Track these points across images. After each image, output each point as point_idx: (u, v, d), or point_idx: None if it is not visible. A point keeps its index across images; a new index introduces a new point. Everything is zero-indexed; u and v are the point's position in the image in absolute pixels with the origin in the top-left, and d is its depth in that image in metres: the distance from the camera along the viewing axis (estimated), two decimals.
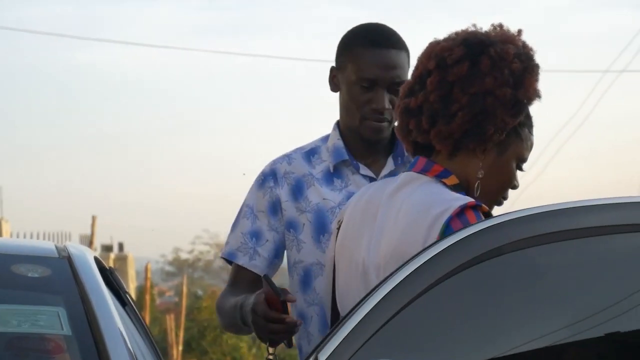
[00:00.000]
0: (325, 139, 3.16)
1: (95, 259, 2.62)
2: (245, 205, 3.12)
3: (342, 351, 2.21)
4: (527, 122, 2.74)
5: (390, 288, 2.28)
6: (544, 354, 2.33)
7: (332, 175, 3.08)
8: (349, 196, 2.98)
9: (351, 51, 3.04)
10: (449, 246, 2.33)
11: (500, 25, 2.70)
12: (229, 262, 3.13)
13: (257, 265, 3.05)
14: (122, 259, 28.11)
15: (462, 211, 2.56)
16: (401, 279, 2.29)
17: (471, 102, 2.58)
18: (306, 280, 3.03)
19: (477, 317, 2.34)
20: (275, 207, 3.07)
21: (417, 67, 2.70)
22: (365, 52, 3.00)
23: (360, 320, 2.25)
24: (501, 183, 2.73)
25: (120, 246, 29.99)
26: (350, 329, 2.24)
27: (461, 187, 2.68)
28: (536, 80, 2.66)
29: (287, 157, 3.12)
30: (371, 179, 3.05)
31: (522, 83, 2.62)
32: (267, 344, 2.70)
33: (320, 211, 3.04)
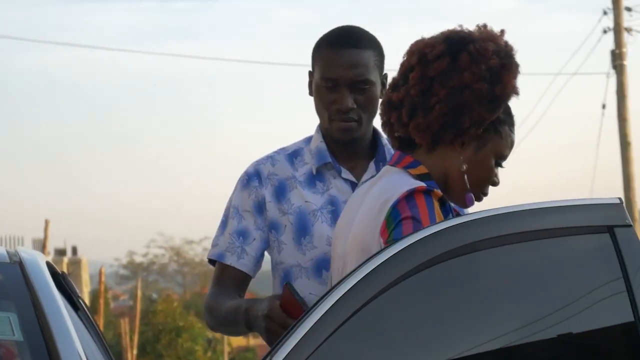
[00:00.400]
0: (308, 140, 3.19)
1: (48, 263, 2.59)
2: (231, 206, 3.15)
3: (295, 355, 2.21)
4: (508, 120, 2.79)
5: (346, 289, 2.29)
6: (501, 353, 2.35)
7: (315, 178, 3.11)
8: (330, 200, 3.06)
9: (318, 53, 3.08)
10: (407, 246, 2.34)
11: (485, 26, 2.76)
12: (213, 262, 3.16)
13: (245, 264, 3.10)
14: (75, 263, 27.90)
15: (410, 195, 2.60)
16: (356, 281, 2.30)
17: (449, 96, 2.63)
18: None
19: (435, 317, 2.35)
20: (260, 207, 3.10)
21: (402, 64, 2.75)
22: (328, 53, 3.04)
23: (315, 323, 2.24)
24: (480, 179, 2.77)
25: (74, 250, 29.75)
26: (305, 332, 2.24)
27: (429, 178, 2.71)
28: (514, 77, 2.70)
29: (271, 159, 3.14)
30: (352, 183, 3.09)
31: (500, 79, 2.66)
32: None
33: (301, 214, 3.08)
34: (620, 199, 2.57)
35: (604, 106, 16.69)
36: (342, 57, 3.01)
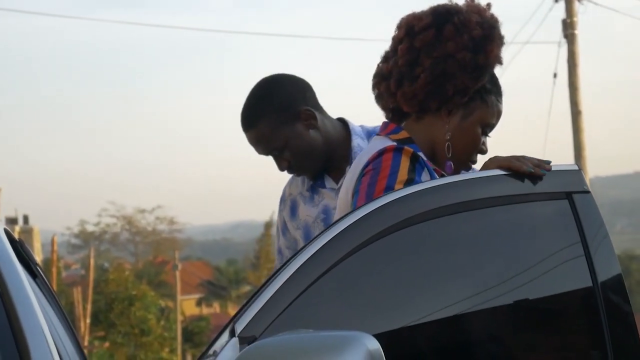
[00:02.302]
0: None
1: (5, 230, 2.57)
2: (276, 226, 3.60)
3: (258, 322, 2.22)
4: (494, 90, 2.84)
5: (305, 259, 2.29)
6: (461, 318, 2.37)
7: (312, 192, 3.41)
8: (324, 209, 3.35)
9: None
10: (360, 218, 2.35)
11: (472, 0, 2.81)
12: None
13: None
14: (27, 232, 27.63)
15: (380, 154, 2.64)
16: (315, 250, 2.30)
17: (433, 65, 2.69)
18: None
19: (388, 287, 2.36)
20: (284, 229, 3.50)
21: (393, 37, 2.82)
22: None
23: (276, 291, 2.25)
24: (466, 146, 2.82)
25: (25, 219, 29.45)
26: (266, 299, 2.24)
27: (411, 142, 2.75)
28: (497, 47, 2.75)
29: (292, 178, 3.50)
30: (335, 190, 3.34)
31: (482, 49, 2.71)
32: None
33: (306, 226, 3.40)
34: (578, 165, 2.60)
35: (555, 75, 16.79)
36: (250, 139, 3.32)
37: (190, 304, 54.15)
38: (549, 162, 2.53)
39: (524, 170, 2.48)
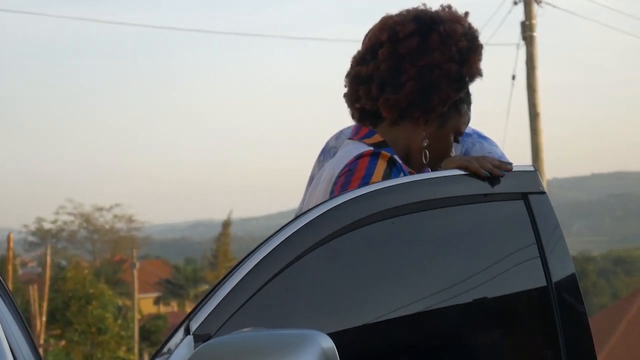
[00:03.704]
0: None
1: None
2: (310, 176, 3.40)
3: (213, 320, 2.21)
4: (467, 99, 2.87)
5: (262, 257, 2.29)
6: (418, 317, 2.37)
7: None
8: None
9: None
10: (316, 217, 2.35)
11: (449, 7, 2.81)
12: None
13: None
14: None
15: (356, 159, 2.64)
16: (271, 248, 2.30)
17: (419, 74, 2.69)
18: None
19: (345, 286, 2.36)
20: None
21: (369, 38, 2.79)
22: None
23: (231, 290, 2.25)
24: (440, 153, 2.83)
25: None
26: (222, 297, 2.23)
27: (386, 145, 2.75)
28: (479, 59, 2.77)
29: (339, 132, 3.30)
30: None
31: (467, 60, 2.73)
32: None
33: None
34: (534, 166, 2.61)
35: (513, 77, 16.84)
36: None
37: (148, 303, 53.93)
38: (510, 164, 2.55)
39: (480, 173, 2.48)
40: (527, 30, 16.23)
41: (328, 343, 2.04)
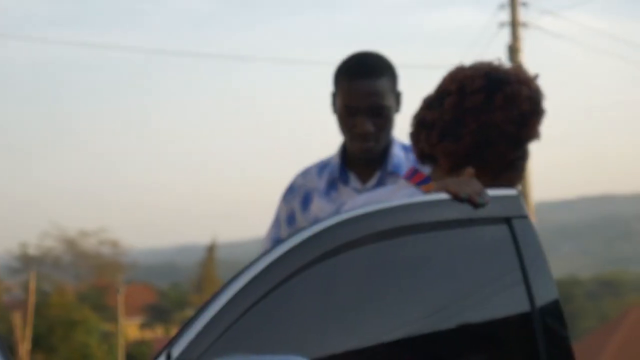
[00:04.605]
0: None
1: None
2: (275, 214, 3.50)
3: (195, 346, 2.20)
4: (524, 156, 2.88)
5: (245, 282, 2.28)
6: (401, 343, 2.36)
7: (330, 188, 3.40)
8: (339, 207, 3.21)
9: (338, 82, 3.36)
10: (300, 242, 2.35)
11: (520, 66, 2.87)
12: None
13: None
14: None
15: None
16: (255, 273, 2.29)
17: (479, 130, 2.74)
18: None
19: (327, 312, 2.36)
20: (291, 218, 3.44)
21: (440, 86, 2.86)
22: (347, 83, 3.32)
23: (214, 316, 2.23)
24: None
25: None
26: (204, 324, 2.22)
27: None
28: (539, 123, 2.81)
29: (305, 171, 3.47)
30: (358, 190, 3.32)
31: (527, 123, 2.77)
32: None
33: (317, 222, 3.20)
34: (518, 190, 2.61)
35: None
36: (360, 86, 3.29)
37: (133, 328, 53.69)
38: (489, 197, 2.55)
39: (460, 197, 2.49)
40: (513, 53, 16.32)
41: None
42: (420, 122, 2.85)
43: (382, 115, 3.29)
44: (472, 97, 2.76)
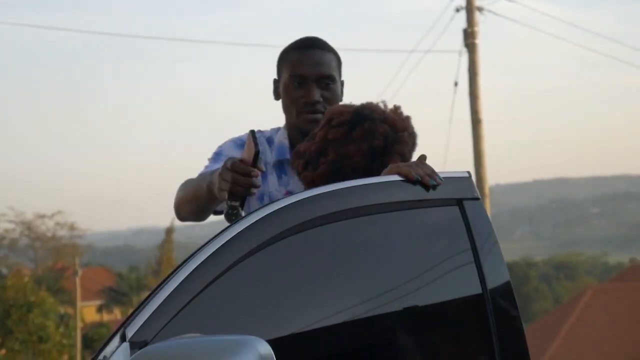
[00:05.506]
0: (277, 131, 3.43)
1: None
2: (222, 152, 3.33)
3: (149, 326, 2.20)
4: None
5: (198, 263, 2.29)
6: (350, 325, 2.38)
7: (281, 170, 3.37)
8: (288, 194, 3.22)
9: (285, 58, 3.38)
10: (254, 223, 2.36)
11: (398, 108, 2.94)
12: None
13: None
14: None
15: None
16: (208, 254, 2.30)
17: (334, 161, 2.84)
18: None
19: (282, 292, 2.37)
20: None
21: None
22: (295, 54, 3.34)
23: (168, 297, 2.24)
24: None
25: None
26: (158, 304, 2.23)
27: None
28: (392, 160, 2.82)
29: (258, 133, 3.37)
30: None
31: (379, 159, 2.81)
32: (228, 197, 2.77)
33: (272, 199, 3.25)
34: (469, 172, 2.64)
35: (456, 84, 16.93)
36: (308, 56, 3.32)
37: (90, 311, 53.40)
38: (441, 179, 2.59)
39: (411, 177, 2.53)
40: (469, 38, 16.37)
41: (266, 349, 2.05)
42: (296, 152, 2.99)
43: (329, 88, 3.31)
44: (335, 129, 2.87)
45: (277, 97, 3.42)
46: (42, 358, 30.19)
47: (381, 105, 2.94)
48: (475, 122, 16.31)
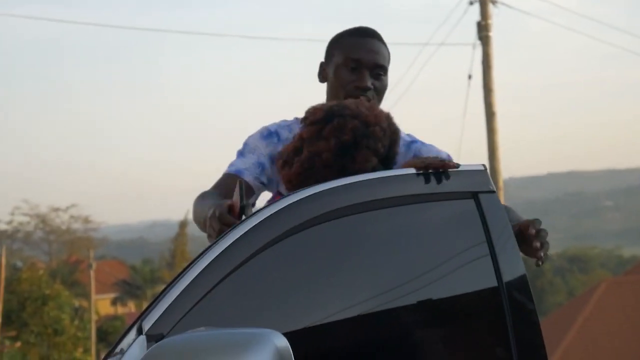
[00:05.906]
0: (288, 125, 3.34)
1: None
2: (247, 144, 3.30)
3: (166, 319, 2.21)
4: None
5: (214, 257, 2.29)
6: (366, 318, 2.38)
7: None
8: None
9: (340, 42, 3.37)
10: (268, 216, 2.36)
11: (372, 105, 2.93)
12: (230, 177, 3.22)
13: (257, 187, 3.23)
14: None
15: None
16: (223, 248, 2.30)
17: (307, 158, 2.83)
18: None
19: (298, 286, 2.37)
20: (272, 159, 3.24)
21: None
22: (353, 40, 3.33)
23: (184, 289, 2.25)
24: None
25: None
26: (174, 297, 2.23)
27: None
28: (363, 156, 2.80)
29: (288, 127, 3.33)
30: None
31: (348, 154, 2.80)
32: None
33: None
34: (484, 165, 2.63)
35: (470, 77, 16.91)
36: (366, 43, 3.32)
37: (105, 304, 53.58)
38: (458, 165, 2.58)
39: (434, 165, 2.54)
40: (482, 30, 16.32)
41: (282, 342, 2.05)
42: (278, 152, 3.00)
43: (380, 79, 3.31)
44: (309, 128, 2.88)
45: (322, 79, 3.41)
46: (57, 351, 30.28)
47: (360, 103, 2.92)
48: (490, 115, 16.27)
